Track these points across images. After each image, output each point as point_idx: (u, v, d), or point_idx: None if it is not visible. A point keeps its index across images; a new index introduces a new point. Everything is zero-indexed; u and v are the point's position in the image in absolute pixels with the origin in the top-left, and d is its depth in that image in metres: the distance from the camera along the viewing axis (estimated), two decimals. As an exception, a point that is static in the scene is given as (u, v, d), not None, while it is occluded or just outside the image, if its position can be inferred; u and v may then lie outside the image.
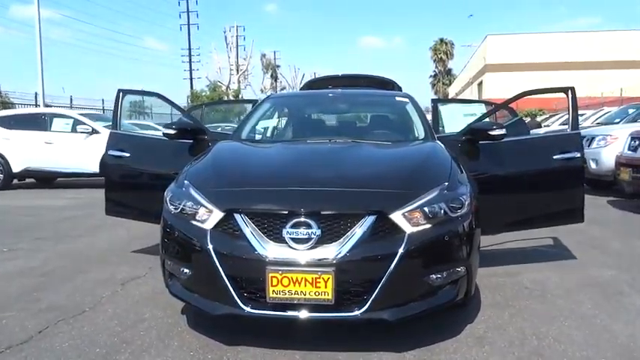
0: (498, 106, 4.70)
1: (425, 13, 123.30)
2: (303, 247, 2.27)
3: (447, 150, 3.13)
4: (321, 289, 2.24)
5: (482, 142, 3.53)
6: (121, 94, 4.04)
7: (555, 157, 3.52)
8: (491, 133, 3.39)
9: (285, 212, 2.34)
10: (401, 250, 2.27)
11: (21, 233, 5.34)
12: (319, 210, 2.34)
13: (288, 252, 2.28)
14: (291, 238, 2.29)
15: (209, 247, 2.36)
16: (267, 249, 2.29)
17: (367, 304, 2.27)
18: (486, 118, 4.43)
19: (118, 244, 4.69)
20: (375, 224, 2.31)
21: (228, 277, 2.33)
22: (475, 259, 2.58)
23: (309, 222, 2.29)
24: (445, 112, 5.12)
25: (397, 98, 4.40)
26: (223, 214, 2.40)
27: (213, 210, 2.43)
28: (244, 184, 2.64)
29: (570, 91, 3.59)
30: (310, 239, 2.27)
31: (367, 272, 2.30)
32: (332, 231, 2.30)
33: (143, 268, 3.81)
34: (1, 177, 9.74)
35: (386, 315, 2.30)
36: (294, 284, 2.25)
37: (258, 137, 4.14)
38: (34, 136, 9.69)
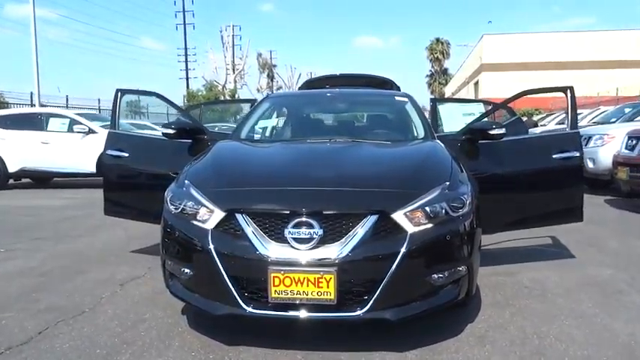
0: (498, 106, 4.70)
1: (421, 12, 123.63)
2: (305, 247, 2.27)
3: (447, 149, 3.13)
4: (324, 289, 2.23)
5: (482, 141, 3.54)
6: (119, 93, 4.02)
7: (555, 157, 3.53)
8: (490, 132, 3.40)
9: (287, 212, 2.34)
10: (403, 249, 2.27)
11: (20, 233, 5.31)
12: (321, 210, 2.33)
13: (290, 252, 2.27)
14: (293, 238, 2.28)
15: (210, 247, 2.35)
16: (269, 249, 2.29)
17: (369, 304, 2.27)
18: (485, 118, 4.44)
19: (117, 244, 4.67)
20: (376, 224, 2.31)
21: (229, 277, 2.32)
22: (476, 259, 2.58)
23: (311, 222, 2.29)
24: (444, 111, 5.12)
25: (396, 98, 4.40)
26: (225, 214, 2.39)
27: (215, 210, 2.42)
28: (245, 184, 2.63)
29: (569, 91, 3.61)
30: (312, 239, 2.27)
31: (369, 272, 2.30)
32: (334, 231, 2.30)
33: (142, 268, 3.80)
34: (-2, 177, 9.68)
35: (388, 315, 2.30)
36: (297, 284, 2.24)
37: (257, 137, 4.13)
38: (30, 136, 9.63)
